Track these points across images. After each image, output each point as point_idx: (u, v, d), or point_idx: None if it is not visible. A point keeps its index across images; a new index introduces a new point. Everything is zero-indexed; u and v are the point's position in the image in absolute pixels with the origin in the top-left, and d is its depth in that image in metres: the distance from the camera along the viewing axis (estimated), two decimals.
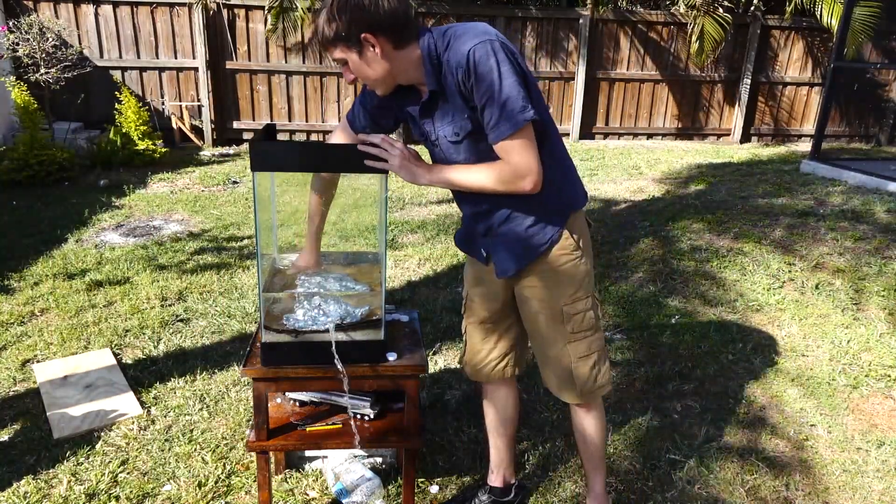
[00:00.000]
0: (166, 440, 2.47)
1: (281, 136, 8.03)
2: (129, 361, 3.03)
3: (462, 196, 1.80)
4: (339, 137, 1.86)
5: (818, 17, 7.96)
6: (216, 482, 2.25)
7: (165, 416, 2.62)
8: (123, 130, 6.76)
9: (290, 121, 8.17)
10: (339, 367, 1.76)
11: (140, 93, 7.69)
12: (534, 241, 1.73)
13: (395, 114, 1.79)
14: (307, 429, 1.99)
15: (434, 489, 2.26)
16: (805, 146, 8.77)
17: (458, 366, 2.02)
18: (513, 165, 1.57)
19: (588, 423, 1.95)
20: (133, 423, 2.57)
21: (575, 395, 1.87)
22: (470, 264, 1.96)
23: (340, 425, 1.99)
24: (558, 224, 1.73)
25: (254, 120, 8.13)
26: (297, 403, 2.11)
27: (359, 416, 2.04)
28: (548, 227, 1.72)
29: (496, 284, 1.86)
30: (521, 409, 2.30)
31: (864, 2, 7.34)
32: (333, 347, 1.75)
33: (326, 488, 2.23)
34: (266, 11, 7.46)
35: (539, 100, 1.59)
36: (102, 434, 2.50)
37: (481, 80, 1.50)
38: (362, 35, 1.52)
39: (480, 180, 1.62)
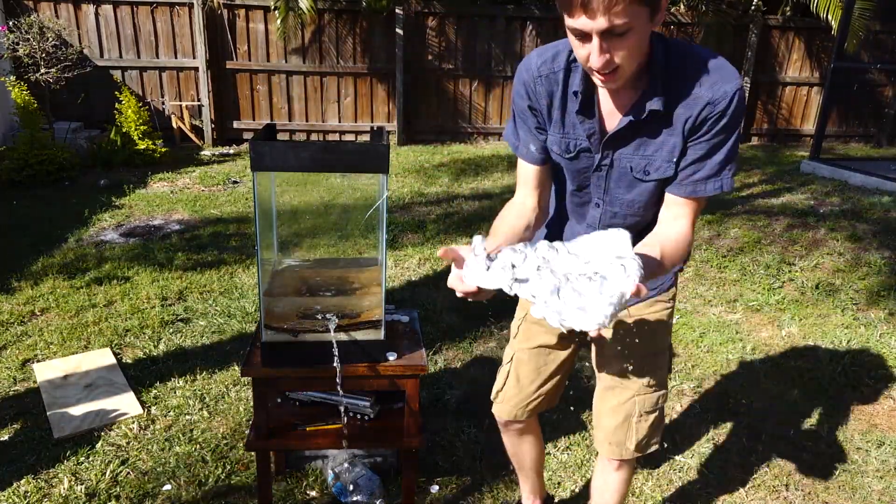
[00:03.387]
0: (166, 440, 2.47)
1: (281, 136, 8.02)
2: (129, 361, 3.03)
3: (585, 211, 1.48)
4: (531, 185, 1.48)
5: (818, 15, 7.95)
6: (216, 482, 2.25)
7: (165, 416, 2.62)
8: (123, 130, 6.75)
9: (290, 121, 8.16)
10: (336, 365, 1.76)
11: (140, 92, 7.68)
12: (652, 283, 1.49)
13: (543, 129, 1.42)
14: (307, 429, 1.99)
15: (434, 489, 2.26)
16: (805, 146, 8.77)
17: (492, 400, 1.81)
18: (694, 227, 1.32)
19: (614, 478, 1.71)
20: (133, 422, 2.57)
21: (623, 450, 1.62)
22: None
23: (340, 425, 1.99)
24: (674, 274, 1.55)
25: (254, 120, 8.12)
26: (297, 403, 2.11)
27: (359, 416, 2.04)
28: (668, 276, 1.54)
29: None
30: None
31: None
32: (334, 346, 1.75)
33: (326, 488, 2.23)
34: (272, 10, 7.44)
35: None
36: (102, 434, 2.50)
37: (727, 128, 1.25)
38: None
39: (681, 254, 1.32)
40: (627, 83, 1.25)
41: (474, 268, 1.15)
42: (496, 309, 3.55)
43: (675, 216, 1.33)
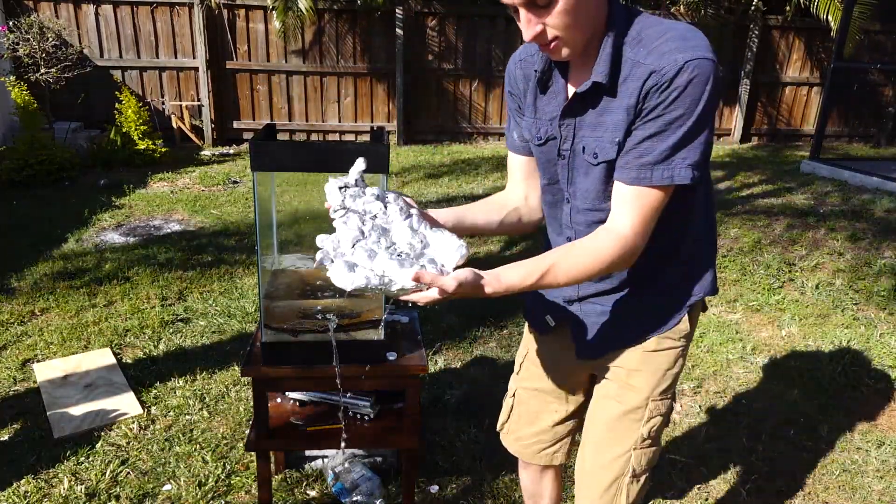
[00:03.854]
0: (166, 440, 2.47)
1: (281, 136, 8.01)
2: (129, 361, 3.03)
3: (559, 212, 1.36)
4: (517, 176, 1.45)
5: (818, 16, 7.95)
6: (216, 482, 2.25)
7: (165, 416, 2.62)
8: (123, 130, 6.76)
9: (290, 121, 8.16)
10: (336, 365, 1.75)
11: (140, 92, 7.68)
12: (649, 320, 1.35)
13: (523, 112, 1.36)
14: (307, 429, 1.99)
15: (434, 489, 2.26)
16: (805, 146, 8.77)
17: (498, 431, 1.70)
18: (641, 228, 1.15)
19: None
20: (133, 422, 2.57)
21: None
22: None
23: (340, 425, 1.98)
24: (687, 306, 1.36)
25: (254, 120, 8.13)
26: (297, 403, 2.11)
27: (358, 416, 2.04)
28: (676, 306, 1.36)
29: (572, 350, 1.45)
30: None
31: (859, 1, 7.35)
32: (334, 345, 1.75)
33: (326, 488, 2.23)
34: (270, 10, 7.43)
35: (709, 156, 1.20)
36: (102, 434, 2.50)
37: (678, 105, 1.08)
38: None
39: (593, 263, 1.15)
40: (585, 57, 1.17)
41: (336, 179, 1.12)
42: (496, 309, 3.55)
43: (617, 217, 1.17)
